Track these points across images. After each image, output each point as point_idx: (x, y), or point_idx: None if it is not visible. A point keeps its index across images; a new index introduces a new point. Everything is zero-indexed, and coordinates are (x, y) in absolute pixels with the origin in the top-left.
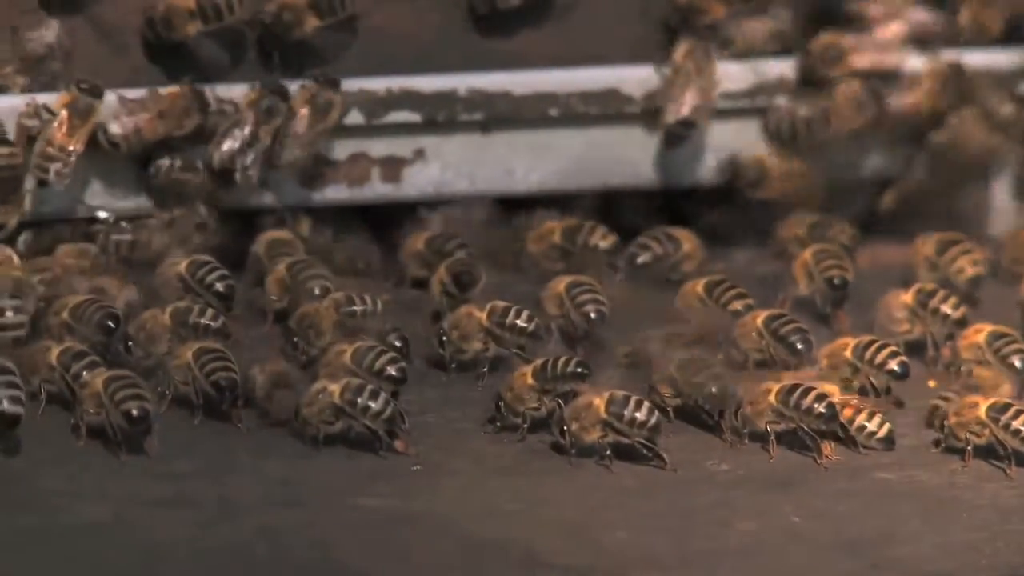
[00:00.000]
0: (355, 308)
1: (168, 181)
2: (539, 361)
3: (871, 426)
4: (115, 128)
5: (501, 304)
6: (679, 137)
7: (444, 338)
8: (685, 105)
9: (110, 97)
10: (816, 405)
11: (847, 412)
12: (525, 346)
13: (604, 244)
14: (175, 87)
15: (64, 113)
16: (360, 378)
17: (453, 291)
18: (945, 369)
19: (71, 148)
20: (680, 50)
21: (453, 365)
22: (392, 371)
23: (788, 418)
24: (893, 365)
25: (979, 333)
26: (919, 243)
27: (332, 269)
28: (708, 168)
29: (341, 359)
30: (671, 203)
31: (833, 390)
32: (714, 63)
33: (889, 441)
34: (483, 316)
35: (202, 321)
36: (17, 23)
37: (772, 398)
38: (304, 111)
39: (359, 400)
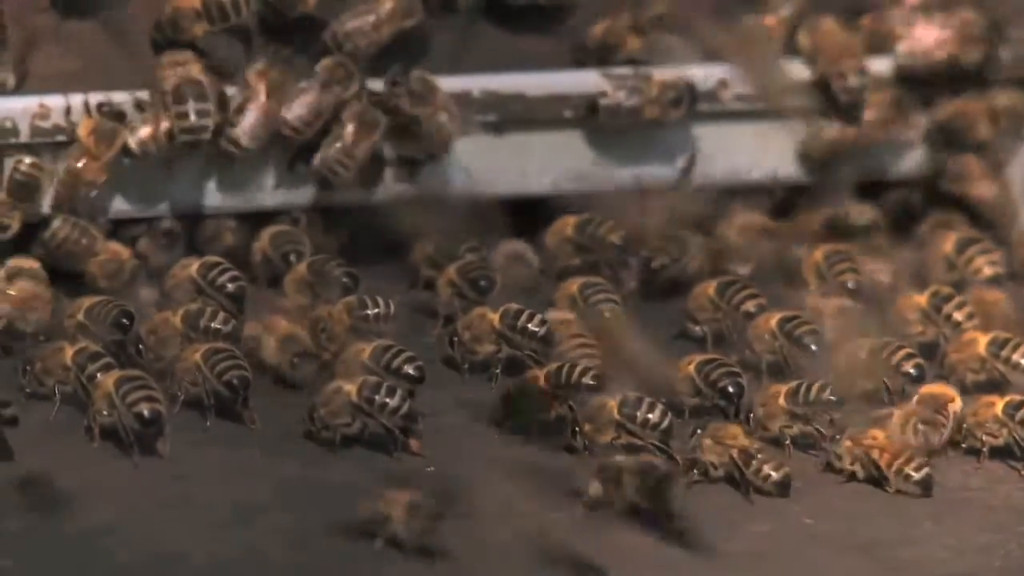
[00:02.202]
0: (368, 312)
1: None
2: (554, 366)
3: (767, 470)
4: (140, 137)
5: (514, 307)
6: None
7: (455, 339)
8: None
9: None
10: (824, 394)
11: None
12: (537, 350)
13: (614, 238)
14: None
15: (91, 140)
16: (377, 376)
17: (469, 294)
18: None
19: (98, 180)
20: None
21: (466, 366)
22: (410, 370)
23: (801, 417)
24: (909, 368)
25: (980, 344)
26: (937, 241)
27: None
28: (721, 170)
29: (360, 358)
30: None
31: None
32: None
33: (784, 487)
34: (495, 318)
35: (213, 325)
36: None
37: (782, 400)
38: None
39: (376, 397)
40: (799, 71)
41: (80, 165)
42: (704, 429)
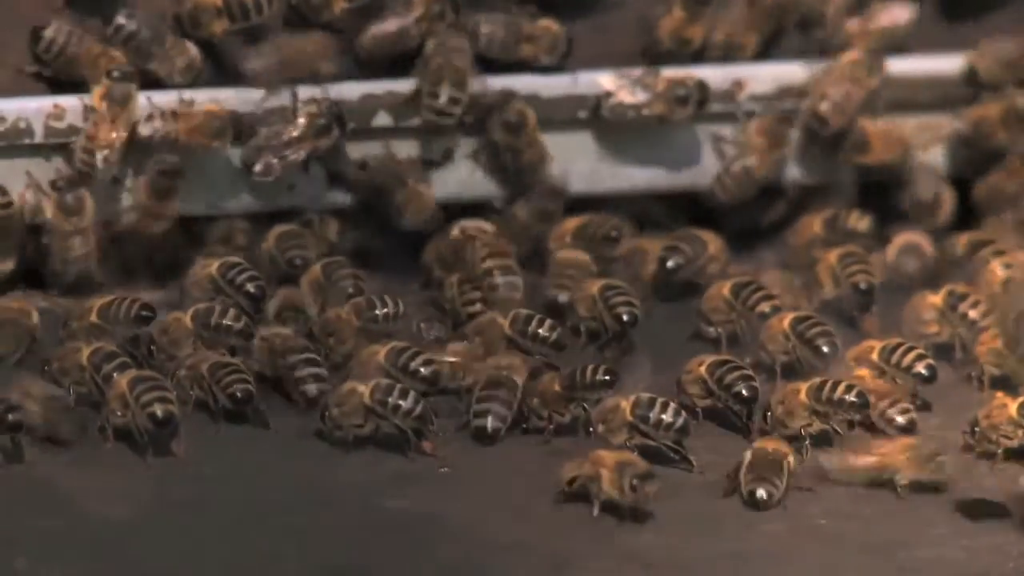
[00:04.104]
0: (376, 312)
1: None
2: (567, 370)
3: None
4: (148, 132)
5: (523, 312)
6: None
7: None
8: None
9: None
10: (848, 396)
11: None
12: (548, 355)
13: (610, 231)
14: (213, 105)
15: (103, 105)
16: (391, 378)
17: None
18: (968, 375)
19: (114, 136)
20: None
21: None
22: (425, 371)
23: (822, 414)
24: (920, 368)
25: (998, 337)
26: (949, 243)
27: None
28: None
29: (375, 359)
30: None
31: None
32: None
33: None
34: (506, 324)
35: (224, 322)
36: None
37: (803, 396)
38: None
39: (389, 399)
40: None
41: (96, 129)
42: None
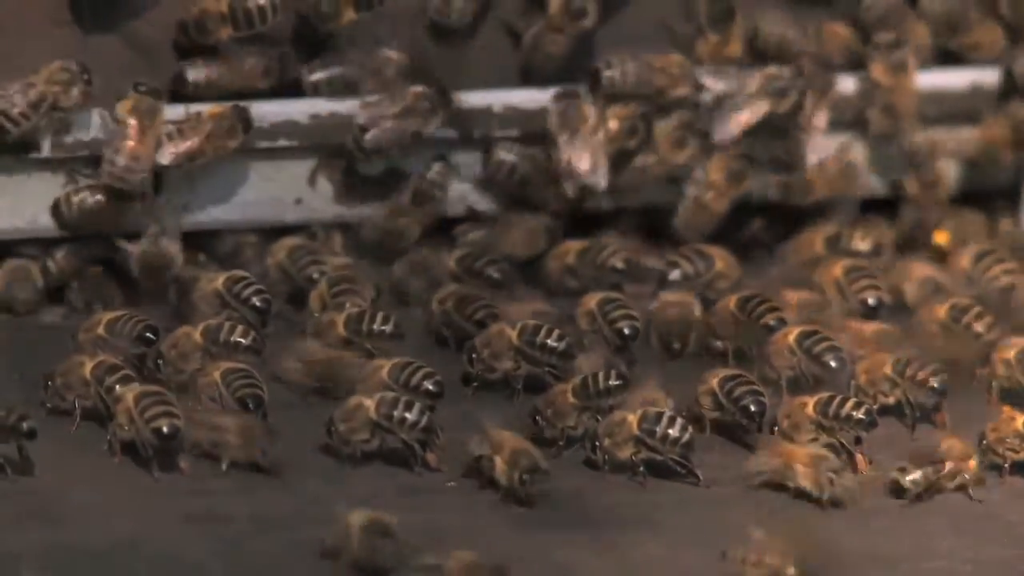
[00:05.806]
0: (362, 327)
1: None
2: (578, 379)
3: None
4: (164, 159)
5: (532, 323)
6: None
7: (474, 355)
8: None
9: None
10: (855, 412)
11: None
12: (556, 365)
13: (616, 262)
14: (216, 106)
15: (131, 119)
16: (395, 392)
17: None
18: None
19: (145, 154)
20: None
21: (475, 384)
22: (429, 385)
23: (828, 429)
24: (934, 383)
25: (1011, 350)
26: (955, 256)
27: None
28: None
29: (378, 375)
30: None
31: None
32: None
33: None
34: (514, 335)
35: (232, 338)
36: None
37: (810, 410)
38: None
39: (395, 413)
40: None
41: (127, 142)
42: None
